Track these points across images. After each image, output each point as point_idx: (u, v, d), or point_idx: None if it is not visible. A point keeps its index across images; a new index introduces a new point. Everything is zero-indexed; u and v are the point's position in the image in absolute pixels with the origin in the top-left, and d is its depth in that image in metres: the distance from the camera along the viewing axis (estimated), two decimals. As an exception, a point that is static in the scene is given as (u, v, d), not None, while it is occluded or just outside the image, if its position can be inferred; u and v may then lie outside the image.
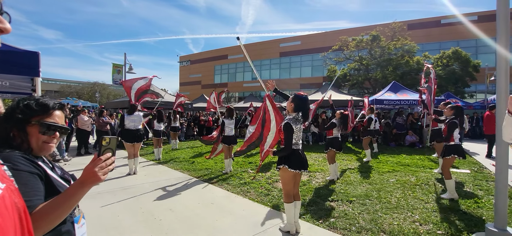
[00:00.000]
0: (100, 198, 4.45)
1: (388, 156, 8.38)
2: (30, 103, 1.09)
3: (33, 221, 0.80)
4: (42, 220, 0.92)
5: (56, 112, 1.16)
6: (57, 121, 1.14)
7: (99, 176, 1.03)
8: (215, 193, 4.86)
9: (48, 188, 1.04)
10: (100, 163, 1.05)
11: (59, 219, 0.97)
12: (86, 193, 1.03)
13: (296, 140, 3.12)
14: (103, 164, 1.05)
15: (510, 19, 3.01)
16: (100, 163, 1.05)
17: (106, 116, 9.54)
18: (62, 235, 1.06)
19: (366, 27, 26.52)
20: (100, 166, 1.04)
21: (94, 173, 1.02)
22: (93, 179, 1.02)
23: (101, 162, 1.05)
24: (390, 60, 20.87)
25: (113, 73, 17.02)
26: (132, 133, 6.23)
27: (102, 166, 1.05)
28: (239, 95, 37.36)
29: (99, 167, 1.04)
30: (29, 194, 0.93)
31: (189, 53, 50.30)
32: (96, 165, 1.04)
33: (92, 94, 41.13)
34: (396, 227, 3.35)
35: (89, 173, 1.03)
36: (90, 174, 1.02)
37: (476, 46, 24.98)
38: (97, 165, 1.04)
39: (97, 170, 1.03)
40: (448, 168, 4.48)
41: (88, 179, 1.02)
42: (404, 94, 12.55)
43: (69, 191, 1.01)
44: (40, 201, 0.96)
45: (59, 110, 1.17)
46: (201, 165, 7.08)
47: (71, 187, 1.03)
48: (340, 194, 4.66)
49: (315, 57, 31.40)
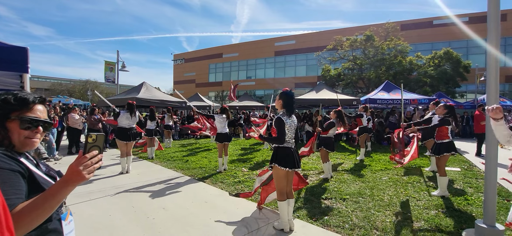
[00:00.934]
0: (91, 197, 4.38)
1: (381, 155, 8.47)
2: (8, 98, 1.05)
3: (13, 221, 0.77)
4: (22, 220, 0.89)
5: (38, 106, 1.12)
6: (38, 115, 1.11)
7: (84, 175, 0.99)
8: (209, 191, 4.84)
9: (32, 186, 1.01)
10: (85, 161, 1.00)
11: (41, 219, 0.94)
12: (70, 192, 0.99)
13: (288, 137, 3.13)
14: (88, 162, 1.01)
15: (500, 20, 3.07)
16: (85, 161, 1.00)
17: (98, 114, 9.39)
18: (49, 233, 1.03)
19: (360, 27, 26.74)
20: (85, 164, 1.00)
21: (79, 172, 0.98)
22: (77, 178, 0.98)
23: (86, 160, 1.01)
24: (383, 60, 21.09)
25: (106, 71, 16.76)
26: (126, 131, 6.15)
27: (87, 164, 1.00)
28: (234, 94, 37.21)
29: (84, 165, 0.99)
30: (8, 193, 0.90)
31: (184, 52, 50.00)
32: (80, 163, 1.00)
33: (84, 92, 40.49)
34: (388, 224, 3.38)
35: (73, 172, 0.98)
36: (74, 173, 0.98)
37: (467, 47, 25.44)
38: (82, 163, 1.00)
39: (81, 168, 0.99)
40: (443, 166, 4.50)
41: (72, 178, 0.98)
42: (396, 93, 12.71)
43: (51, 190, 0.96)
44: (20, 200, 0.93)
45: (41, 104, 1.14)
46: (194, 164, 7.04)
47: (54, 186, 0.98)
48: (334, 192, 4.69)
49: (310, 57, 31.53)
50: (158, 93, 13.26)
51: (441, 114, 4.65)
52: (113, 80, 16.89)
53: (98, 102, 15.24)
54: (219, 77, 40.91)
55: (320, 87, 13.75)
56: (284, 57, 35.33)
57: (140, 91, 11.67)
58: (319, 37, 31.32)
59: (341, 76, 23.67)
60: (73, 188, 0.99)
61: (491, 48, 3.01)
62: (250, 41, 39.31)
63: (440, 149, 4.50)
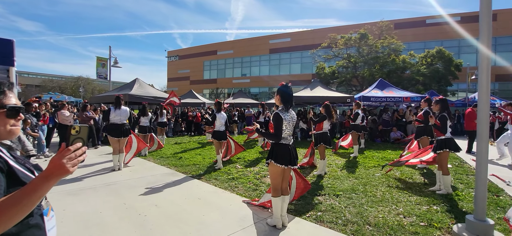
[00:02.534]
0: (81, 194, 4.31)
1: (374, 152, 8.54)
2: None
3: None
4: (2, 216, 0.84)
5: (10, 93, 1.09)
6: (16, 102, 1.08)
7: (68, 168, 0.93)
8: (203, 188, 4.80)
9: (11, 180, 0.96)
10: (69, 154, 0.95)
11: (22, 215, 0.88)
12: (51, 187, 0.94)
13: (286, 134, 3.10)
14: (72, 155, 0.95)
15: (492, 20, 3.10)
16: (68, 154, 0.95)
17: (90, 111, 9.24)
18: (31, 228, 0.98)
19: (355, 25, 26.88)
20: (69, 157, 0.94)
21: (62, 165, 0.92)
22: (60, 172, 0.92)
23: (69, 152, 0.95)
24: (377, 58, 21.25)
25: (98, 67, 16.47)
26: (117, 127, 6.05)
27: (71, 157, 0.95)
28: (228, 92, 37.15)
29: (67, 158, 0.94)
30: None
31: (178, 48, 49.53)
32: (63, 155, 0.94)
33: (75, 89, 39.83)
34: (381, 219, 3.40)
35: (56, 165, 0.92)
36: (57, 166, 0.92)
37: (458, 46, 25.82)
38: (65, 156, 0.94)
39: (65, 161, 0.93)
40: (445, 163, 4.48)
41: (55, 172, 0.92)
42: (390, 91, 12.82)
43: (32, 185, 0.90)
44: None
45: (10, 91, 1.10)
46: (188, 161, 6.98)
47: (35, 180, 0.92)
48: (327, 188, 4.70)
49: (305, 54, 31.59)
50: (152, 90, 13.13)
51: (436, 111, 4.66)
52: (105, 76, 16.61)
53: (90, 99, 15.00)
54: (214, 74, 40.69)
55: (315, 85, 13.79)
56: (279, 55, 35.31)
57: (133, 88, 11.53)
58: (314, 35, 31.38)
59: (335, 74, 23.78)
60: (55, 182, 0.94)
61: (483, 48, 3.03)
62: (245, 39, 39.12)
63: (437, 145, 4.51)
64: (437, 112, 4.62)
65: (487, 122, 3.12)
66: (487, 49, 3.02)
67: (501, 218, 3.50)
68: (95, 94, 35.21)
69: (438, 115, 4.55)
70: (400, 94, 12.55)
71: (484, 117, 3.05)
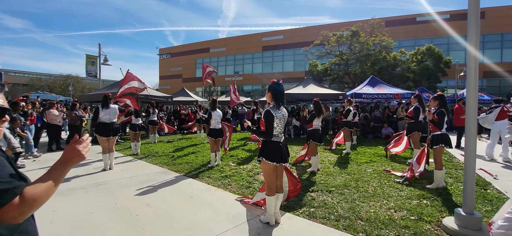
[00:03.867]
0: (71, 195, 4.22)
1: (366, 148, 8.64)
2: None
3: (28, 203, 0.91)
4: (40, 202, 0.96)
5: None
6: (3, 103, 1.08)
7: (84, 154, 1.12)
8: (195, 186, 4.77)
9: None
10: (84, 143, 1.13)
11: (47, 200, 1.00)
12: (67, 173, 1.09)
13: (277, 131, 3.10)
14: (85, 143, 1.14)
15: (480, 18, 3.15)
16: (84, 143, 1.13)
17: (80, 110, 9.05)
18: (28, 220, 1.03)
19: (346, 23, 27.04)
20: (83, 145, 1.12)
21: (79, 151, 1.09)
22: (78, 158, 1.10)
23: (84, 141, 1.14)
24: (368, 56, 21.47)
25: (87, 65, 16.12)
26: (107, 126, 5.93)
27: (85, 145, 1.13)
28: (221, 90, 36.98)
29: (82, 146, 1.11)
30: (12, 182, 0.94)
31: (169, 46, 48.93)
32: (80, 143, 1.11)
33: (65, 87, 38.99)
34: (372, 214, 3.44)
35: (74, 151, 1.09)
36: (76, 152, 1.09)
37: (448, 43, 26.29)
38: (81, 144, 1.12)
39: (81, 148, 1.10)
40: (439, 158, 4.53)
41: (73, 158, 1.08)
42: (381, 88, 12.98)
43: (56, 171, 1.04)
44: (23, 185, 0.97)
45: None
46: (181, 159, 6.92)
47: (55, 168, 1.05)
48: (320, 184, 4.73)
49: (297, 52, 31.67)
50: (143, 88, 12.90)
51: (434, 106, 4.70)
52: (95, 74, 16.28)
53: (79, 98, 14.70)
54: (206, 72, 40.38)
55: (308, 82, 13.84)
56: (271, 52, 35.31)
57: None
58: (307, 33, 31.46)
59: (328, 71, 23.93)
60: (71, 168, 1.11)
61: (470, 46, 3.09)
62: (237, 36, 38.96)
63: (433, 141, 4.56)
64: (435, 108, 4.66)
65: (475, 117, 3.18)
66: (475, 47, 3.07)
67: (489, 211, 3.59)
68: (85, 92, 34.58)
69: (436, 111, 4.59)
70: (391, 91, 12.72)
71: (472, 113, 3.11)
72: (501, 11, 25.29)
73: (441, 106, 4.59)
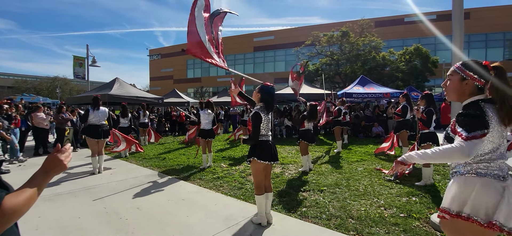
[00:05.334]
0: (58, 199, 4.11)
1: (357, 147, 8.75)
2: None
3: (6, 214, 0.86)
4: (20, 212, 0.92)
5: None
6: None
7: (66, 164, 1.09)
8: (187, 188, 4.72)
9: None
10: (66, 152, 1.11)
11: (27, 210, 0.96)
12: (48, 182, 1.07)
13: (265, 131, 3.11)
14: (67, 153, 1.11)
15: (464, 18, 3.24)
16: (66, 152, 1.11)
17: (67, 113, 8.84)
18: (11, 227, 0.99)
19: (337, 23, 27.35)
20: (65, 155, 1.10)
21: (61, 161, 1.07)
22: (59, 167, 1.07)
23: (66, 151, 1.12)
24: (358, 56, 21.75)
25: (75, 66, 15.75)
26: (96, 128, 5.81)
27: (67, 155, 1.11)
28: (213, 91, 36.81)
29: (64, 155, 1.09)
30: None
31: (160, 47, 48.44)
32: (62, 153, 1.09)
33: (52, 89, 38.05)
34: (363, 213, 3.48)
35: (56, 160, 1.06)
36: (57, 162, 1.06)
37: (435, 43, 26.90)
38: (63, 153, 1.09)
39: (63, 158, 1.08)
40: None
41: (55, 167, 1.06)
42: (371, 88, 13.15)
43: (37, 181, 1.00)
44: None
45: None
46: (172, 161, 6.85)
47: (36, 177, 1.02)
48: (312, 184, 4.76)
49: (288, 52, 31.79)
50: (133, 89, 12.76)
51: (423, 105, 4.79)
52: (83, 76, 15.93)
53: (67, 100, 14.36)
54: (198, 73, 40.16)
55: (299, 82, 13.89)
56: (263, 53, 35.37)
57: (113, 88, 11.15)
58: (298, 33, 31.63)
59: (319, 71, 24.12)
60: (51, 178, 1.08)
61: (455, 47, 3.17)
62: (229, 37, 38.82)
63: (421, 139, 4.63)
64: (424, 106, 4.75)
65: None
66: (459, 46, 3.16)
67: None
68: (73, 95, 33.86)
69: (425, 110, 4.67)
70: (380, 90, 12.91)
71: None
72: (485, 12, 26.05)
73: (429, 105, 4.69)
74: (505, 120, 1.44)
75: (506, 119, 1.44)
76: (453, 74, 1.63)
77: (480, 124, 1.40)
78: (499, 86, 1.46)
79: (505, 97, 1.44)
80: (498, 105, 1.46)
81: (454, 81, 1.62)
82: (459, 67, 1.60)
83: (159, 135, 10.86)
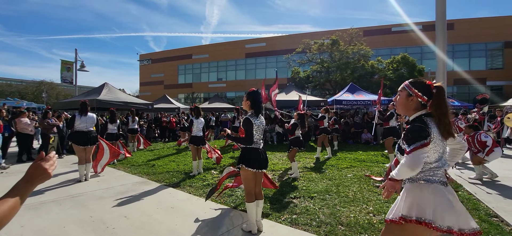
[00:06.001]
0: (42, 208, 3.98)
1: (347, 153, 8.86)
2: None
3: None
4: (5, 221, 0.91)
5: None
6: None
7: (50, 172, 1.06)
8: (176, 196, 4.65)
9: None
10: (50, 160, 1.08)
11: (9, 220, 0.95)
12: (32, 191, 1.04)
13: (256, 138, 3.11)
14: (51, 161, 1.09)
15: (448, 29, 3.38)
16: (50, 160, 1.08)
17: (53, 118, 8.60)
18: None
19: (327, 32, 27.90)
20: (50, 163, 1.07)
21: (45, 169, 1.04)
22: (44, 176, 1.04)
23: (51, 159, 1.09)
24: (348, 63, 22.18)
25: (62, 71, 15.40)
26: (84, 135, 5.68)
27: (51, 163, 1.08)
28: (204, 96, 36.65)
29: (48, 164, 1.06)
30: None
31: (151, 52, 48.02)
32: (47, 161, 1.06)
33: (37, 94, 37.02)
34: (352, 219, 3.52)
35: (39, 169, 1.03)
36: (41, 170, 1.03)
37: (421, 52, 27.76)
38: (48, 162, 1.06)
39: (48, 166, 1.05)
40: None
41: (39, 176, 1.03)
42: (360, 95, 13.42)
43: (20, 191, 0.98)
44: None
45: None
46: (161, 168, 6.75)
47: (19, 186, 1.00)
48: (302, 190, 4.78)
49: (280, 59, 32.08)
50: (122, 95, 12.56)
51: None
52: (70, 80, 15.58)
53: (53, 105, 14.00)
54: (189, 78, 39.93)
55: (290, 89, 14.05)
56: (254, 59, 35.56)
57: (101, 93, 10.95)
58: (289, 40, 32.05)
59: (310, 78, 24.43)
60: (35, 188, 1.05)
61: (439, 54, 3.30)
62: (220, 43, 38.98)
63: None
64: None
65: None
66: (442, 53, 3.28)
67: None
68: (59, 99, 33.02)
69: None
70: (369, 98, 13.18)
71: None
72: (468, 23, 27.12)
73: None
74: (443, 133, 1.64)
75: (444, 133, 1.64)
76: (402, 90, 1.83)
77: (420, 136, 1.58)
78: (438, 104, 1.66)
79: (442, 115, 1.64)
80: (436, 121, 1.65)
81: (402, 97, 1.81)
82: (407, 84, 1.82)
83: (148, 141, 10.67)
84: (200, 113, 6.51)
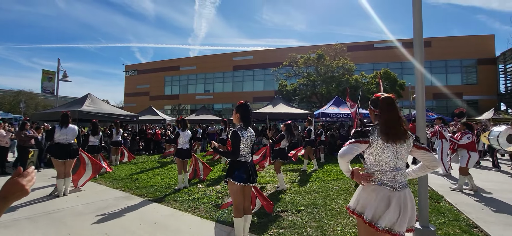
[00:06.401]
0: (15, 226, 3.74)
1: (333, 165, 8.96)
2: None
3: None
4: None
5: None
6: None
7: (28, 189, 1.01)
8: (160, 211, 4.51)
9: None
10: (28, 176, 1.04)
11: None
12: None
13: (244, 152, 3.09)
14: (30, 177, 1.04)
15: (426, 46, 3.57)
16: (28, 176, 1.04)
17: (31, 129, 8.22)
18: None
19: (313, 46, 28.62)
20: (28, 179, 1.03)
21: (22, 186, 0.99)
22: (20, 193, 0.99)
23: (28, 174, 1.04)
24: (333, 77, 22.76)
25: (43, 80, 14.85)
26: (63, 147, 5.45)
27: (29, 179, 1.04)
28: (191, 108, 36.30)
29: (26, 180, 1.02)
30: None
31: (137, 63, 47.37)
32: (24, 177, 1.01)
33: (15, 104, 35.41)
34: (339, 232, 3.53)
35: (16, 185, 0.98)
36: (18, 186, 0.98)
37: (402, 68, 28.92)
38: (25, 178, 1.02)
39: (25, 183, 1.00)
40: None
41: (15, 193, 0.98)
42: (345, 108, 13.72)
43: None
44: None
45: None
46: (145, 182, 6.55)
47: None
48: (290, 204, 4.76)
49: (267, 72, 32.47)
50: (106, 106, 12.21)
51: None
52: (51, 91, 15.04)
53: (32, 116, 13.41)
54: (175, 90, 39.51)
55: (277, 102, 14.18)
56: (242, 72, 35.79)
57: (84, 104, 10.61)
58: (276, 54, 32.57)
59: (296, 91, 24.81)
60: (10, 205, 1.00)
61: (417, 70, 3.46)
62: (208, 55, 39.15)
63: None
64: None
65: (424, 134, 3.50)
66: (420, 66, 3.46)
67: (442, 223, 3.87)
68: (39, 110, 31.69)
69: None
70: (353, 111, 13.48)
71: (422, 131, 3.42)
72: (445, 41, 28.67)
73: None
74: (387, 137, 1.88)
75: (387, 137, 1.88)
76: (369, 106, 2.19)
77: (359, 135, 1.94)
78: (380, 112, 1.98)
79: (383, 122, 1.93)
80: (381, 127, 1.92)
81: (370, 111, 2.18)
82: (370, 101, 2.16)
83: (132, 154, 10.34)
84: (187, 126, 6.42)
